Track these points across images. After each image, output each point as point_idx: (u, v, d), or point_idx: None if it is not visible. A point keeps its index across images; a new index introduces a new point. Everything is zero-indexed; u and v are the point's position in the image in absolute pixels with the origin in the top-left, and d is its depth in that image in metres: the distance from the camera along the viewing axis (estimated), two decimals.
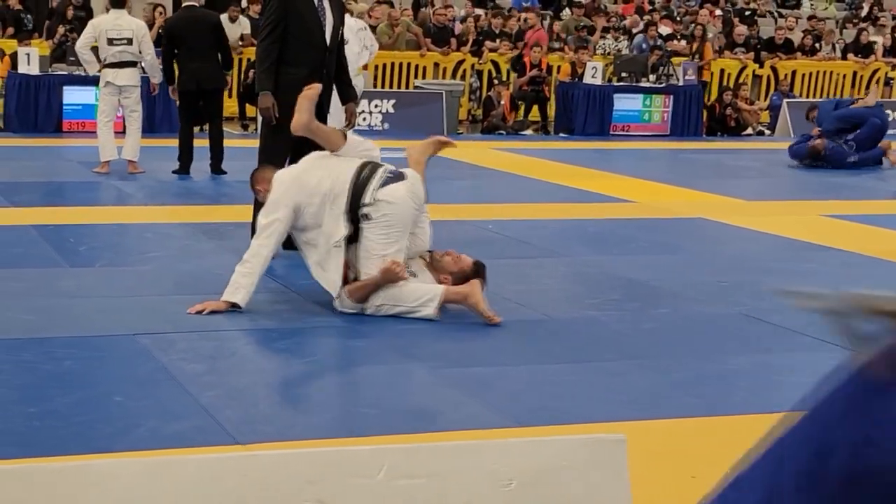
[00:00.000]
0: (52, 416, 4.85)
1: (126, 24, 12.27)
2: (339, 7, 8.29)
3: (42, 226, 9.08)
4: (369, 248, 6.61)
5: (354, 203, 6.62)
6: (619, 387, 5.57)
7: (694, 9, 24.93)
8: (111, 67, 12.15)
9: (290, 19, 8.03)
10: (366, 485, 2.72)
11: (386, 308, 6.58)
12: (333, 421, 4.92)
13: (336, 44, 8.20)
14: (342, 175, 6.72)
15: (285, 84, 8.04)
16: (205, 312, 6.51)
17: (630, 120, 18.93)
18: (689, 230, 10.32)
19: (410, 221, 6.72)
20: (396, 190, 6.67)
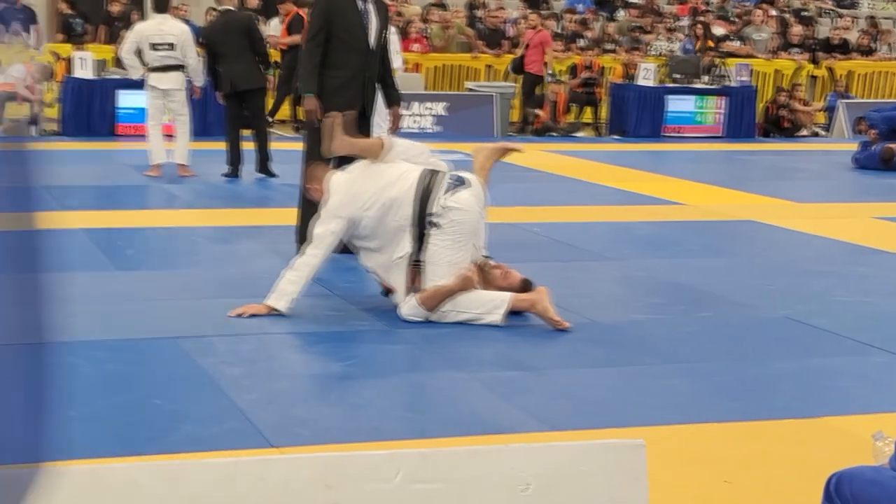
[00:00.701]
0: (93, 419, 4.88)
1: (169, 29, 12.37)
2: (382, 10, 8.30)
3: (92, 229, 9.18)
4: (437, 256, 6.60)
5: (422, 213, 6.61)
6: (659, 391, 5.53)
7: (749, 9, 24.76)
8: (155, 72, 12.27)
9: (334, 23, 8.06)
10: (383, 489, 2.73)
11: (452, 315, 6.58)
12: (370, 425, 4.92)
13: (379, 47, 8.22)
14: (404, 184, 6.69)
15: (329, 87, 8.07)
16: (245, 315, 6.55)
17: (683, 121, 18.83)
18: (739, 233, 10.24)
19: (478, 226, 6.72)
20: (464, 196, 6.65)
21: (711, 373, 5.84)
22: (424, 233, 6.62)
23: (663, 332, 6.64)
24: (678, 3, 26.43)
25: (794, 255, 9.18)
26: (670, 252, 9.08)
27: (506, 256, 7.42)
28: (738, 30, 22.79)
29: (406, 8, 22.45)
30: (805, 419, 5.22)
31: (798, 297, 7.52)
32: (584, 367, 5.91)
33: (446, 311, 6.58)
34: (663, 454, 4.70)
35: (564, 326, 6.51)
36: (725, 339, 6.51)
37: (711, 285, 7.83)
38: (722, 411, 5.27)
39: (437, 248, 6.59)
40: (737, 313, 7.13)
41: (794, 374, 5.88)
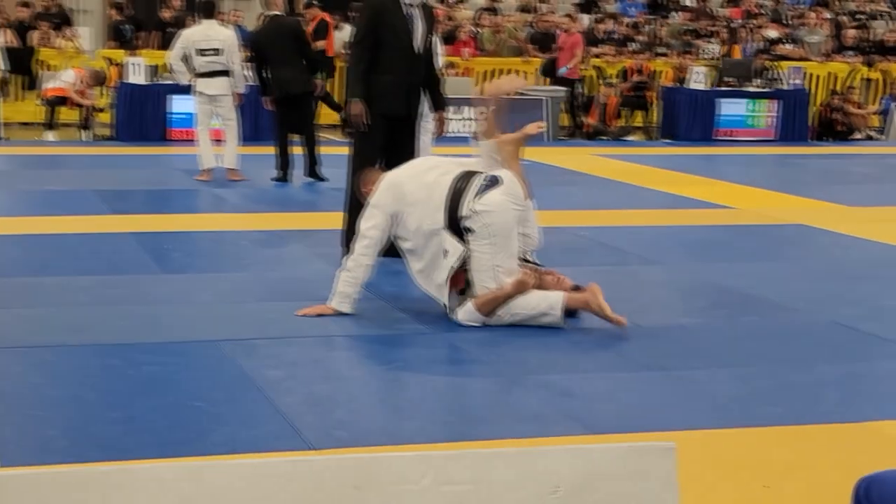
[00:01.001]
0: (133, 420, 4.92)
1: (215, 35, 12.45)
2: (429, 15, 8.31)
3: (141, 233, 9.25)
4: (480, 261, 6.58)
5: (452, 216, 6.60)
6: (700, 395, 5.50)
7: (802, 11, 24.57)
8: (202, 77, 12.36)
9: (380, 27, 8.07)
10: (411, 490, 2.72)
11: (507, 318, 6.57)
12: (411, 428, 4.92)
13: (425, 51, 8.23)
14: (440, 187, 6.69)
15: (376, 91, 8.09)
16: (311, 315, 6.66)
17: (735, 125, 18.72)
18: (788, 237, 10.16)
19: (514, 225, 6.66)
20: (493, 197, 6.60)
21: (754, 377, 5.79)
22: (464, 238, 6.60)
23: (707, 336, 6.59)
24: (731, 6, 26.29)
25: (844, 259, 9.10)
26: (718, 256, 9.02)
27: (552, 260, 7.40)
28: (791, 33, 22.61)
29: (458, 12, 22.49)
30: (849, 424, 5.16)
31: (845, 302, 7.44)
32: (628, 370, 5.87)
33: (501, 315, 6.57)
34: (704, 458, 4.67)
35: (622, 322, 6.50)
36: (770, 344, 6.45)
37: (758, 289, 7.76)
38: (764, 415, 5.22)
39: (479, 254, 6.57)
40: (782, 317, 7.07)
41: (838, 378, 5.83)
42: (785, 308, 7.29)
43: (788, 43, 22.05)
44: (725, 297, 7.59)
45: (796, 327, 6.85)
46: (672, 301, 7.57)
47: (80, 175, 12.67)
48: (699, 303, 7.47)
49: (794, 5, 26.10)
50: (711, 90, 18.76)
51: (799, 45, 21.94)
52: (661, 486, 2.82)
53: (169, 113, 16.35)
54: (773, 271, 8.42)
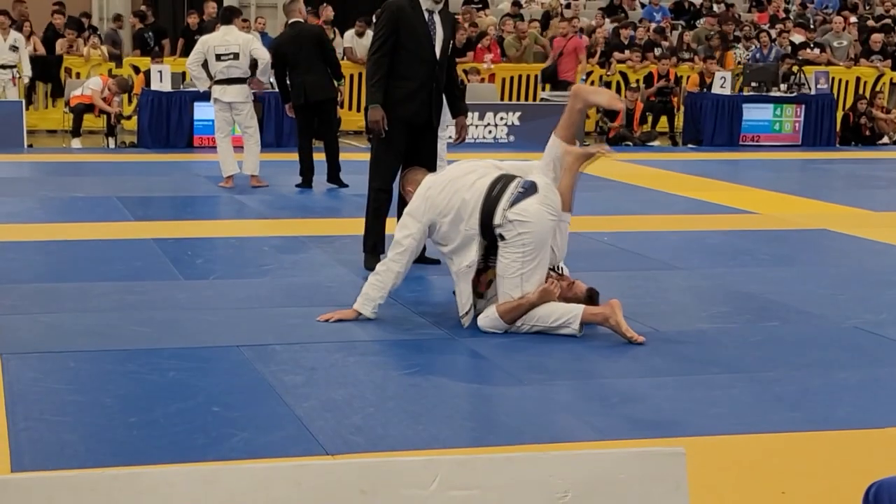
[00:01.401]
0: (151, 425, 4.94)
1: (233, 40, 12.48)
2: (449, 21, 8.30)
3: (162, 239, 9.29)
4: (506, 269, 6.56)
5: (486, 222, 6.57)
6: (719, 400, 5.47)
7: (829, 16, 24.48)
8: (219, 84, 12.39)
9: (400, 33, 8.06)
10: (419, 495, 2.72)
11: (525, 328, 6.56)
12: (428, 433, 4.92)
13: (445, 58, 8.22)
14: (476, 191, 6.65)
15: (396, 97, 8.08)
16: (332, 320, 6.67)
17: (760, 130, 18.65)
18: (812, 242, 10.11)
19: (549, 236, 6.62)
20: (529, 207, 6.53)
21: (774, 382, 5.77)
22: (496, 243, 6.59)
23: (727, 341, 6.57)
24: (757, 11, 26.23)
25: (868, 264, 9.05)
26: (740, 261, 8.99)
27: (575, 266, 7.39)
28: (817, 37, 22.53)
29: (482, 19, 22.50)
30: (868, 430, 5.14)
31: (868, 307, 7.40)
32: (646, 376, 5.86)
33: (520, 325, 6.56)
34: (720, 464, 4.65)
35: (639, 340, 6.42)
36: (790, 349, 6.42)
37: (780, 295, 7.73)
38: (783, 421, 5.20)
39: (506, 262, 6.55)
40: (804, 323, 7.04)
41: (858, 384, 5.79)
42: (807, 313, 7.26)
43: (814, 48, 21.96)
44: (747, 303, 7.56)
45: (818, 333, 6.82)
46: (693, 306, 7.55)
47: (104, 182, 12.73)
48: (720, 308, 7.45)
49: (821, 10, 26.01)
50: (737, 95, 18.70)
51: (825, 50, 21.84)
52: (671, 491, 2.81)
53: (194, 120, 16.41)
54: (795, 276, 8.39)
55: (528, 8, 24.14)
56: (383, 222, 8.33)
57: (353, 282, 7.89)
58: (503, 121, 17.90)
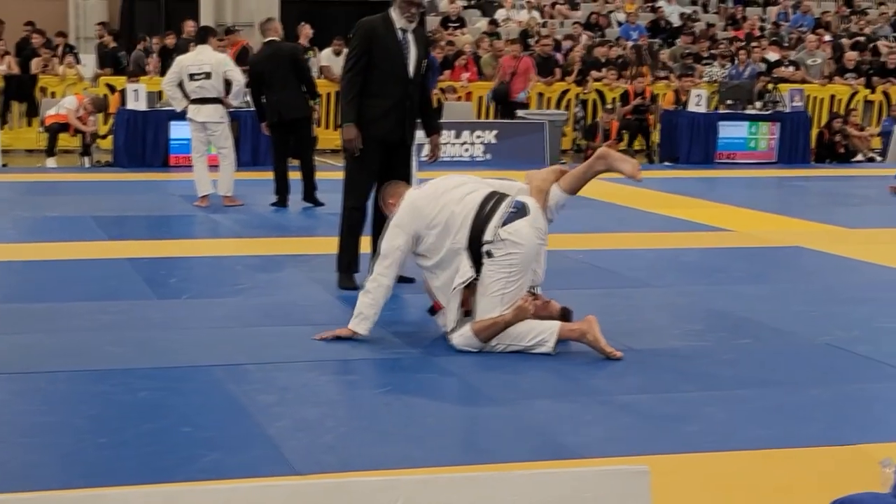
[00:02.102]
0: (122, 446, 4.92)
1: (206, 59, 12.46)
2: (422, 39, 8.31)
3: (137, 259, 9.26)
4: (488, 287, 6.55)
5: (475, 238, 6.57)
6: (692, 418, 5.48)
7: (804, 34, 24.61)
8: (193, 104, 12.37)
9: (373, 52, 8.07)
10: None
11: (500, 347, 6.56)
12: (400, 453, 4.91)
13: (418, 76, 8.23)
14: (466, 206, 6.66)
15: (370, 116, 8.09)
16: (327, 339, 6.68)
17: (735, 148, 18.72)
18: (786, 260, 10.15)
19: (533, 259, 6.65)
20: (521, 228, 6.55)
21: (746, 400, 5.78)
22: (481, 260, 6.59)
23: (700, 359, 6.58)
24: (733, 29, 26.35)
25: (840, 281, 9.08)
26: (714, 279, 9.02)
27: (549, 284, 7.40)
28: (791, 55, 22.64)
29: (458, 37, 22.54)
30: (840, 446, 5.15)
31: (840, 324, 7.43)
32: (619, 394, 5.86)
33: (495, 345, 6.56)
34: (693, 481, 4.66)
35: (616, 356, 6.44)
36: (763, 366, 6.44)
37: (753, 312, 7.75)
38: (755, 438, 5.21)
39: (490, 281, 6.55)
40: (777, 340, 7.06)
41: (830, 400, 5.81)
42: (780, 331, 7.28)
43: (789, 65, 22.07)
44: (720, 321, 7.58)
45: (791, 350, 6.84)
46: (667, 324, 7.56)
47: (78, 201, 12.69)
48: (694, 326, 7.46)
49: (795, 28, 26.15)
50: (712, 113, 18.77)
51: (800, 68, 21.96)
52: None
53: (170, 139, 16.37)
54: (769, 294, 8.41)
55: (504, 26, 24.20)
56: (357, 241, 8.33)
57: (327, 301, 7.89)
58: (479, 139, 17.91)
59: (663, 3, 26.93)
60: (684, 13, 26.49)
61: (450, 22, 23.74)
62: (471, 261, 6.58)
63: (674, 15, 26.18)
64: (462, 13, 25.13)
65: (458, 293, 6.64)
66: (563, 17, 25.79)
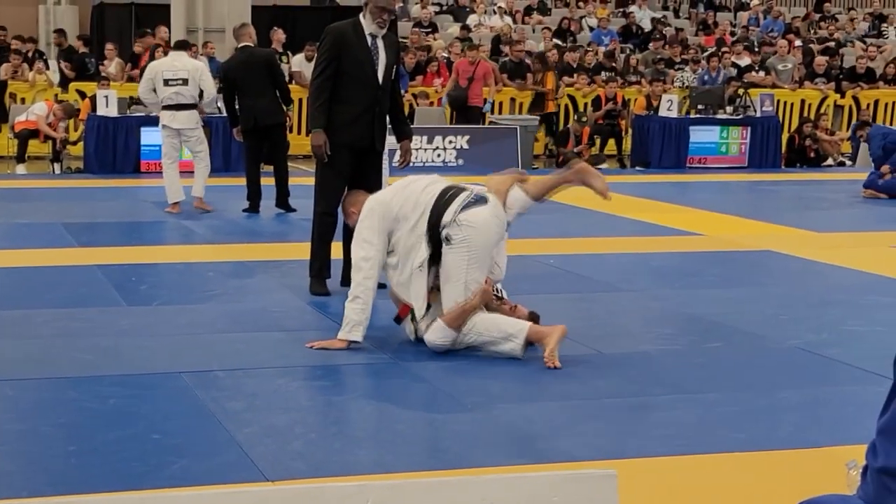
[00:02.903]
0: (91, 453, 4.90)
1: (182, 65, 12.41)
2: (392, 45, 8.30)
3: (107, 265, 9.22)
4: (450, 272, 6.59)
5: (434, 223, 6.61)
6: (663, 422, 5.49)
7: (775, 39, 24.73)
8: (168, 109, 12.32)
9: (342, 57, 8.06)
10: None
11: (471, 337, 6.57)
12: (369, 458, 4.91)
13: (388, 82, 8.22)
14: (427, 195, 6.72)
15: (339, 122, 8.08)
16: (315, 348, 6.66)
17: (707, 152, 18.78)
18: (756, 264, 10.18)
19: (494, 244, 6.69)
20: (479, 213, 6.62)
21: (716, 403, 5.80)
22: (441, 247, 6.61)
23: (671, 362, 6.60)
24: (704, 34, 26.45)
25: (810, 285, 9.12)
26: (685, 283, 9.04)
27: (520, 288, 7.42)
28: (762, 60, 22.74)
29: (431, 42, 22.54)
30: (810, 449, 5.17)
31: (810, 327, 7.47)
32: (590, 398, 5.87)
33: (466, 332, 6.57)
34: (663, 485, 4.67)
35: (551, 365, 6.38)
36: (733, 370, 6.46)
37: (724, 316, 7.78)
38: (726, 441, 5.22)
39: (451, 266, 6.59)
40: (747, 344, 7.09)
41: (800, 403, 5.84)
42: (750, 334, 7.30)
43: (759, 70, 22.17)
44: (691, 324, 7.60)
45: (761, 353, 6.87)
46: (638, 328, 7.57)
47: (49, 208, 12.62)
48: (665, 330, 7.47)
49: (766, 33, 26.27)
50: (683, 118, 18.83)
51: (770, 73, 22.06)
52: None
53: (141, 145, 16.31)
54: (739, 297, 8.44)
55: (477, 32, 24.22)
56: (328, 247, 8.32)
57: (299, 307, 7.87)
58: (452, 144, 17.91)
59: (635, 8, 27.02)
60: (655, 18, 26.58)
61: (422, 27, 23.75)
62: (429, 245, 6.62)
63: (645, 20, 26.26)
64: (434, 19, 25.16)
65: (419, 279, 6.64)
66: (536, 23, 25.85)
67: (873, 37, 27.49)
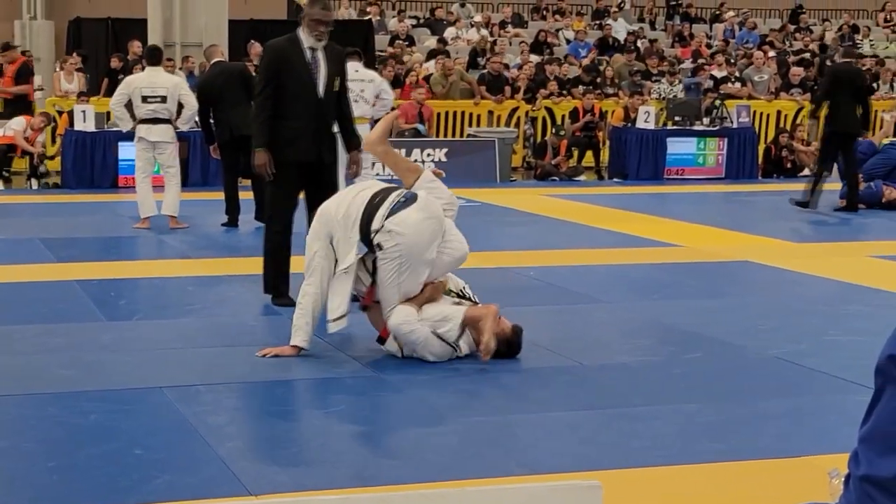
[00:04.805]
0: (72, 469, 4.89)
1: (161, 82, 12.38)
2: (335, 57, 8.25)
3: (86, 280, 9.19)
4: (384, 280, 6.68)
5: (365, 230, 6.67)
6: (642, 433, 5.51)
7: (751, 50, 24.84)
8: (145, 123, 12.29)
9: (282, 74, 8.05)
10: None
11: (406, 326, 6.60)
12: (351, 472, 4.91)
13: (332, 94, 8.17)
14: (359, 201, 6.78)
15: (282, 138, 8.08)
16: (268, 356, 6.70)
17: (684, 163, 18.84)
18: (734, 274, 10.22)
19: (428, 245, 6.71)
20: (407, 217, 6.66)
21: (696, 414, 5.82)
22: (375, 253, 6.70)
23: (650, 373, 6.62)
24: (680, 46, 26.57)
25: (788, 295, 9.16)
26: (664, 294, 9.07)
27: (499, 301, 7.41)
28: (738, 71, 22.85)
29: (409, 56, 22.58)
30: (790, 458, 5.20)
31: (789, 337, 7.50)
32: (569, 409, 5.89)
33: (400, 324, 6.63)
34: (643, 496, 4.69)
35: (482, 357, 6.60)
36: (712, 380, 6.49)
37: (703, 326, 7.81)
38: (705, 452, 5.24)
39: (384, 274, 6.67)
40: (726, 354, 7.11)
41: (779, 413, 5.86)
42: (729, 344, 7.33)
43: (735, 82, 22.27)
44: (670, 335, 7.63)
45: (740, 364, 6.90)
46: (616, 340, 7.60)
47: (26, 224, 12.58)
48: (644, 341, 7.50)
49: (741, 45, 26.40)
50: (661, 129, 18.89)
51: (746, 84, 22.16)
52: None
53: (118, 160, 16.26)
54: (718, 308, 8.47)
55: (454, 45, 24.27)
56: (279, 263, 8.28)
57: (277, 320, 7.86)
58: (430, 157, 17.93)
59: (611, 20, 27.11)
60: (631, 30, 26.68)
61: (399, 39, 23.79)
62: (359, 250, 6.72)
63: (621, 32, 26.35)
64: (411, 32, 25.20)
65: (343, 279, 6.69)
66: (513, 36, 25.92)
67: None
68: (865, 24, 30.54)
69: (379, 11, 26.76)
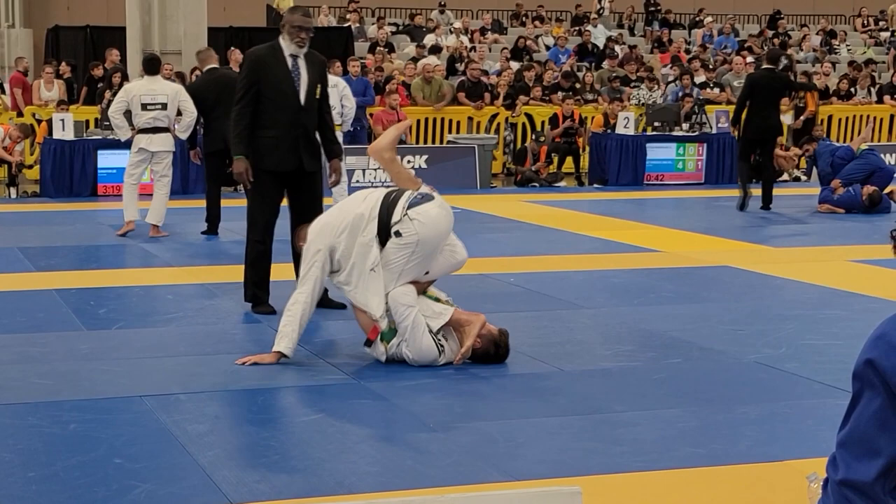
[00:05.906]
0: (51, 479, 4.87)
1: (161, 90, 12.32)
2: (316, 65, 8.24)
3: (65, 289, 9.16)
4: (389, 261, 6.70)
5: (385, 222, 6.69)
6: (623, 438, 5.52)
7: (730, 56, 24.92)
8: (144, 133, 12.20)
9: (262, 82, 8.02)
10: None
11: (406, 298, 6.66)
12: (332, 480, 4.90)
13: (313, 102, 8.15)
14: (369, 202, 6.81)
15: (262, 146, 8.06)
16: (248, 364, 6.70)
17: (664, 169, 18.89)
18: (714, 279, 10.24)
19: (444, 237, 6.82)
20: (429, 210, 6.75)
21: (677, 419, 5.83)
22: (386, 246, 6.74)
23: (631, 379, 6.64)
24: (659, 52, 26.63)
25: (768, 299, 9.19)
26: (644, 299, 9.08)
27: (479, 308, 7.42)
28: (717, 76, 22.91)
29: (388, 64, 22.58)
30: (770, 463, 5.21)
31: (768, 342, 7.52)
32: (551, 415, 5.89)
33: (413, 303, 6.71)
34: (624, 501, 4.69)
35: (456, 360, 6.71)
36: (692, 385, 6.50)
37: (683, 332, 7.82)
38: (686, 457, 5.25)
39: (392, 256, 6.70)
40: (706, 359, 7.13)
41: (759, 418, 5.88)
42: (709, 349, 7.35)
43: (714, 87, 22.33)
44: (650, 340, 7.64)
45: (720, 369, 6.91)
46: (597, 345, 7.61)
47: (5, 232, 12.53)
48: (624, 346, 7.52)
49: (720, 50, 26.48)
50: (640, 135, 18.93)
51: (725, 89, 22.22)
52: None
53: (97, 168, 16.22)
54: (698, 313, 8.49)
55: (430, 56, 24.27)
56: (259, 272, 8.28)
57: (258, 328, 7.86)
58: (410, 164, 17.90)
59: (590, 26, 27.16)
60: (610, 36, 26.73)
61: (379, 46, 23.79)
62: (380, 247, 6.71)
63: (600, 38, 26.40)
64: (391, 39, 25.21)
65: (376, 280, 6.69)
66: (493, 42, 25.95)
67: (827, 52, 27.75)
68: (842, 29, 30.69)
69: (358, 18, 26.79)
